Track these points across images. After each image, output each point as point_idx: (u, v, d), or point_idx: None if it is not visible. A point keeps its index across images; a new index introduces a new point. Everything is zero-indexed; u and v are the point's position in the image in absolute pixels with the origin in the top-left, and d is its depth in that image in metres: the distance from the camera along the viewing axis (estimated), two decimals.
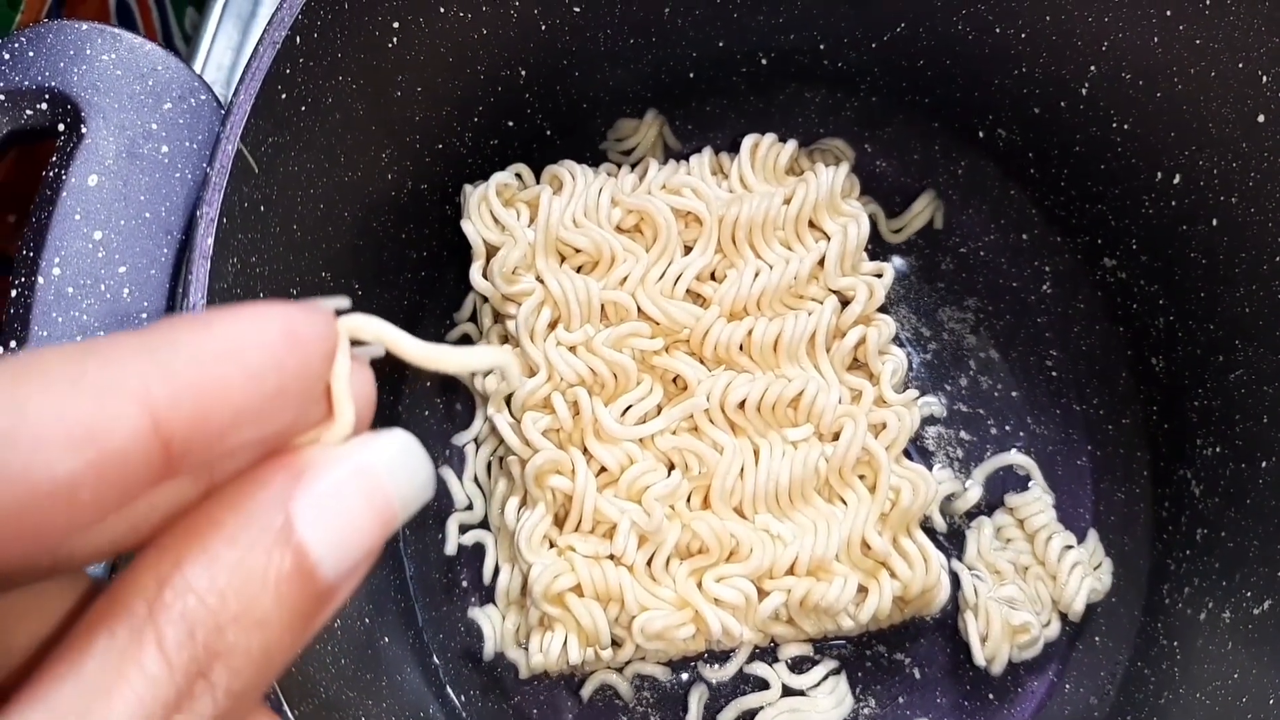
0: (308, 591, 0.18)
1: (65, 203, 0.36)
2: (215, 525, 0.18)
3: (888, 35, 0.48)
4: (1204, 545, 0.44)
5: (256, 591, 0.17)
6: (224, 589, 0.17)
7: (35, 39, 0.38)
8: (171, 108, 0.38)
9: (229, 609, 0.17)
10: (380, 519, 0.19)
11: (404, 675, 0.42)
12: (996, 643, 0.44)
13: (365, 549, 0.18)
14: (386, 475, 0.19)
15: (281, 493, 0.18)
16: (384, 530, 0.19)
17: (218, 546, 0.17)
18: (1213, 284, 0.44)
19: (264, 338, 0.18)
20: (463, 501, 0.48)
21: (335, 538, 0.18)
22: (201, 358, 0.17)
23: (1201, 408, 0.45)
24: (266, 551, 0.17)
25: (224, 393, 0.17)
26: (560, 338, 0.44)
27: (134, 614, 0.17)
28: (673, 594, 0.42)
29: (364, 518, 0.18)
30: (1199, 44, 0.40)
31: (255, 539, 0.17)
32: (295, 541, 0.18)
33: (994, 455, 0.49)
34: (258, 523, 0.18)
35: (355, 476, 0.19)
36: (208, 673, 0.17)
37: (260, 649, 0.17)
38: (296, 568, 0.17)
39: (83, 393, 0.16)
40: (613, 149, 0.51)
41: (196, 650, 0.17)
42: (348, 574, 0.18)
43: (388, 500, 0.19)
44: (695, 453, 0.43)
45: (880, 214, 0.51)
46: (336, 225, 0.40)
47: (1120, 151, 0.46)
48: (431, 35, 0.41)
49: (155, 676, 0.16)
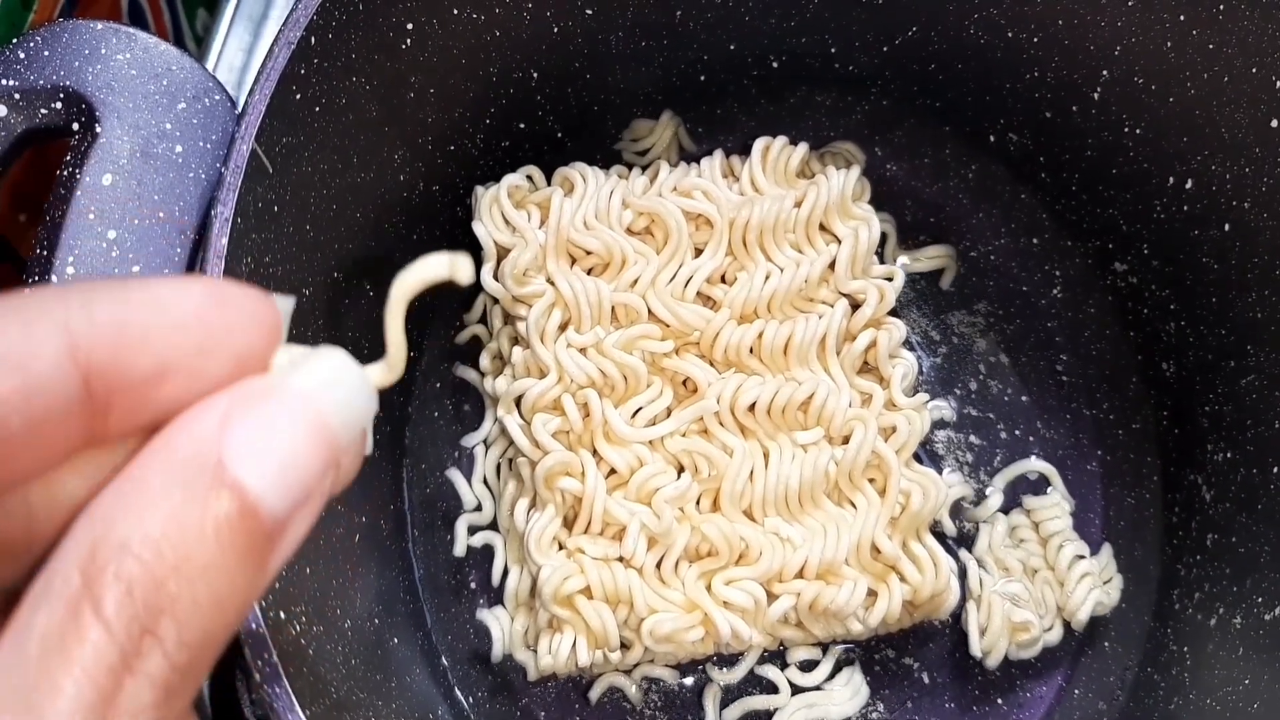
0: (253, 530, 0.17)
1: (79, 202, 0.36)
2: (145, 478, 0.17)
3: (899, 39, 0.48)
4: (1215, 550, 0.44)
5: (194, 539, 0.17)
6: (158, 541, 0.16)
7: (50, 38, 0.38)
8: (186, 108, 0.38)
9: (166, 561, 0.16)
10: (321, 445, 0.18)
11: (413, 676, 0.42)
12: (995, 636, 0.44)
13: (310, 479, 0.18)
14: (321, 398, 0.18)
15: (211, 433, 0.17)
16: (327, 456, 0.18)
17: (149, 499, 0.17)
18: (1224, 289, 0.44)
19: (188, 293, 0.18)
20: (472, 503, 0.48)
21: (275, 472, 0.17)
22: (123, 304, 0.17)
23: (1212, 413, 0.45)
24: (201, 497, 0.17)
25: (144, 333, 0.17)
26: (571, 340, 0.44)
27: (69, 583, 0.16)
28: (682, 597, 0.42)
29: (303, 447, 0.18)
30: (1212, 49, 0.40)
31: (187, 485, 0.17)
32: (231, 482, 0.17)
33: (1015, 461, 0.49)
34: (188, 467, 0.17)
35: (287, 405, 0.18)
36: (154, 629, 0.16)
37: (208, 596, 0.17)
38: (238, 509, 0.17)
39: (5, 328, 0.17)
40: (628, 149, 0.51)
41: (137, 609, 0.16)
42: (296, 506, 0.18)
43: (327, 425, 0.18)
44: (705, 455, 0.43)
45: (893, 232, 0.51)
46: (349, 226, 0.40)
47: (1132, 156, 0.46)
48: (445, 37, 0.41)
49: (97, 644, 0.16)
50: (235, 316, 0.18)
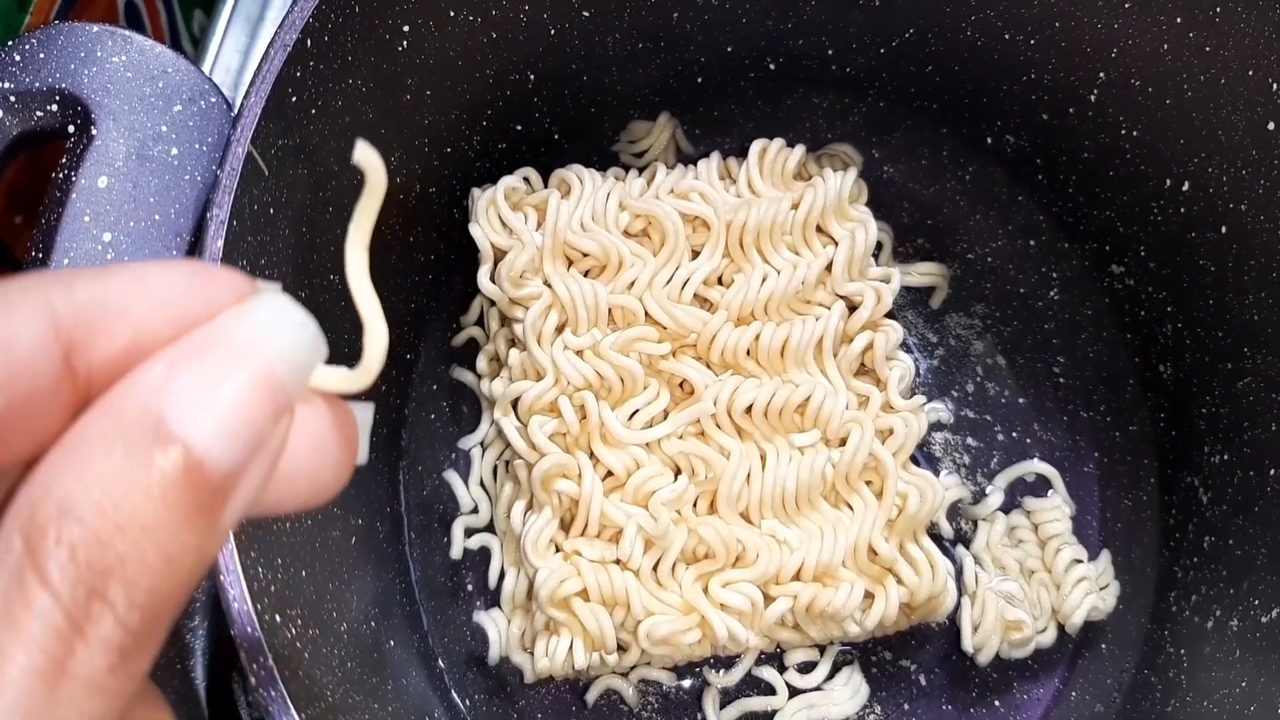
0: (201, 485, 0.17)
1: (75, 204, 0.36)
2: (85, 438, 0.17)
3: (896, 41, 0.48)
4: (1211, 553, 0.44)
5: (139, 498, 0.16)
6: (100, 502, 0.16)
7: (46, 40, 0.38)
8: (181, 110, 0.38)
9: (109, 522, 0.16)
10: (267, 394, 0.18)
11: (409, 679, 0.42)
12: (987, 633, 0.44)
13: (259, 429, 0.17)
14: (264, 346, 0.18)
15: (151, 390, 0.17)
16: (276, 405, 0.18)
17: (89, 459, 0.17)
18: (1221, 291, 0.44)
19: (170, 272, 0.18)
20: (468, 505, 0.48)
21: (219, 425, 0.17)
22: (103, 283, 0.18)
23: (1209, 415, 0.45)
24: (144, 455, 0.16)
25: (122, 308, 0.17)
26: (567, 342, 0.44)
27: (10, 549, 0.16)
28: (679, 599, 0.42)
29: (248, 396, 0.17)
30: (1209, 51, 0.40)
31: (128, 444, 0.17)
32: (173, 436, 0.17)
33: (1015, 462, 0.49)
34: (130, 427, 0.17)
35: (230, 354, 0.18)
36: (102, 592, 0.16)
37: (158, 555, 0.16)
38: (180, 464, 0.17)
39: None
40: (625, 151, 0.51)
41: (82, 572, 0.16)
42: (245, 458, 0.17)
43: (271, 373, 0.18)
44: (702, 458, 0.43)
45: (888, 242, 0.51)
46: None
47: (1129, 158, 0.46)
48: (441, 39, 0.41)
49: (43, 609, 0.16)
50: (215, 294, 0.18)
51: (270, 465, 0.18)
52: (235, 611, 0.29)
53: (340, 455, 0.20)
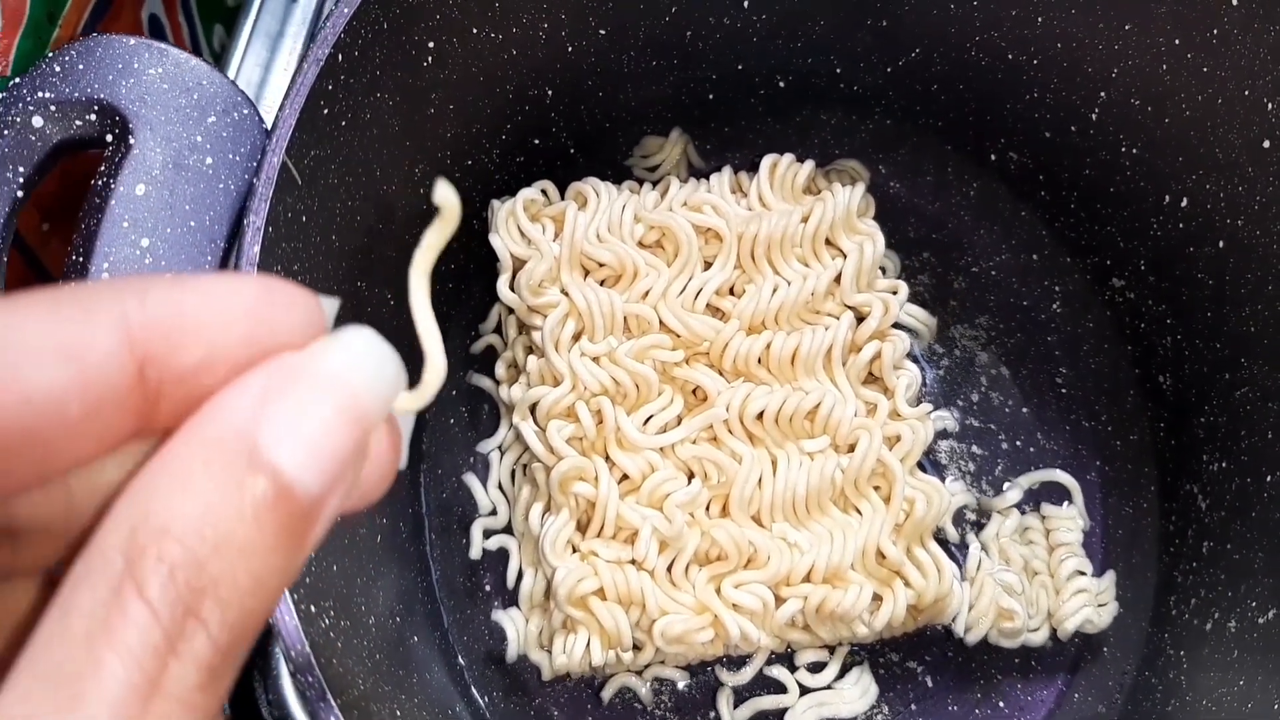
0: (290, 511, 0.18)
1: (114, 210, 0.38)
2: (181, 459, 0.17)
3: (903, 60, 0.50)
4: (1210, 557, 0.46)
5: (234, 521, 0.17)
6: (198, 524, 0.17)
7: (85, 52, 0.40)
8: (215, 121, 0.39)
9: (206, 543, 0.17)
10: (353, 424, 0.18)
11: (432, 674, 0.43)
12: (979, 614, 0.46)
13: (343, 457, 0.18)
14: (353, 377, 0.18)
15: (246, 415, 0.18)
16: (359, 434, 0.18)
17: (186, 481, 0.17)
18: (1219, 304, 0.45)
19: (241, 288, 0.18)
20: (487, 507, 0.49)
21: (309, 452, 0.18)
22: (177, 293, 0.18)
23: (1208, 424, 0.47)
24: (238, 479, 0.17)
25: (195, 324, 0.18)
26: (584, 349, 0.45)
27: (111, 565, 0.17)
28: (692, 599, 0.43)
29: (336, 426, 0.18)
30: (1206, 71, 0.41)
31: (225, 468, 0.17)
32: (266, 464, 0.17)
33: (1023, 470, 0.50)
34: (225, 450, 0.17)
35: (321, 385, 0.18)
36: (197, 611, 0.17)
37: (249, 577, 0.17)
38: (273, 490, 0.17)
39: (63, 315, 0.17)
40: (638, 165, 0.53)
41: (180, 591, 0.16)
42: (331, 485, 0.18)
43: (358, 404, 0.18)
44: (715, 462, 0.44)
45: (893, 267, 0.52)
46: (372, 236, 0.41)
47: (1129, 175, 0.47)
48: (464, 55, 0.42)
49: (142, 625, 0.16)
50: (283, 313, 0.19)
51: (349, 491, 0.19)
52: None
53: (387, 461, 0.20)
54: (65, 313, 0.17)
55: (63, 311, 0.17)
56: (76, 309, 0.17)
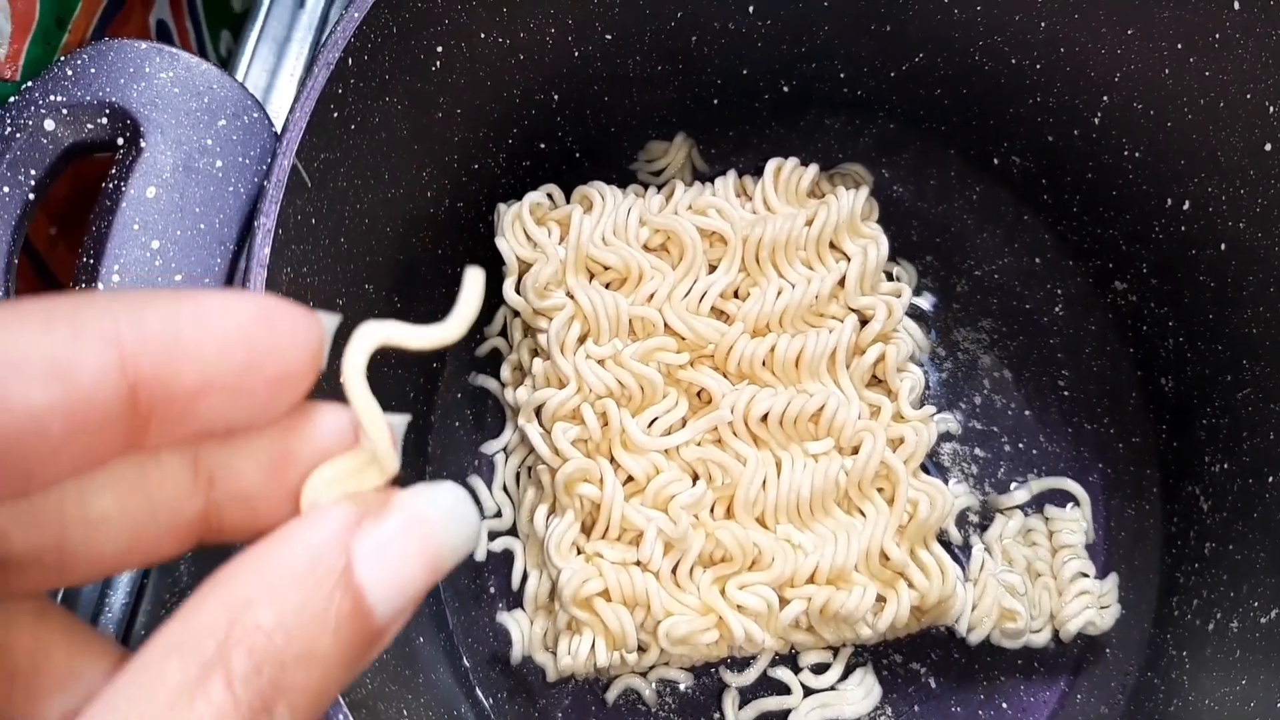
0: (362, 631, 0.18)
1: (124, 213, 0.38)
2: (279, 564, 0.18)
3: (906, 65, 0.50)
4: (1212, 558, 0.46)
5: (318, 631, 0.18)
6: (290, 627, 0.18)
7: (97, 56, 0.40)
8: (225, 124, 0.40)
9: (294, 647, 0.18)
10: (430, 566, 0.20)
11: (437, 675, 0.44)
12: (982, 614, 0.46)
13: (414, 593, 0.19)
14: (439, 525, 0.20)
15: (342, 535, 0.19)
16: (432, 577, 0.20)
17: (283, 585, 0.18)
18: (1221, 306, 0.45)
19: (238, 310, 0.19)
20: (492, 509, 0.49)
21: (390, 581, 0.19)
22: (173, 314, 0.18)
23: (1210, 426, 0.47)
24: (329, 593, 0.18)
25: (192, 348, 0.18)
26: (590, 351, 0.45)
27: (204, 648, 0.17)
28: (697, 600, 0.43)
29: (416, 564, 0.19)
30: (1208, 75, 0.42)
31: (319, 580, 0.18)
32: (354, 584, 0.18)
33: (1024, 472, 0.50)
34: (321, 563, 0.18)
35: (411, 525, 0.19)
36: (272, 708, 0.17)
37: (318, 685, 0.18)
38: (354, 609, 0.18)
39: (53, 331, 0.17)
40: (643, 169, 0.53)
41: (263, 686, 0.17)
42: (397, 615, 0.19)
43: (439, 549, 0.20)
44: (719, 464, 0.45)
45: (909, 278, 0.53)
46: (379, 239, 0.42)
47: (1131, 179, 0.47)
48: (472, 60, 0.42)
49: (222, 710, 0.17)
50: (281, 336, 0.19)
51: (402, 627, 0.20)
52: None
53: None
54: (57, 329, 0.17)
55: (55, 327, 0.17)
56: (69, 325, 0.17)
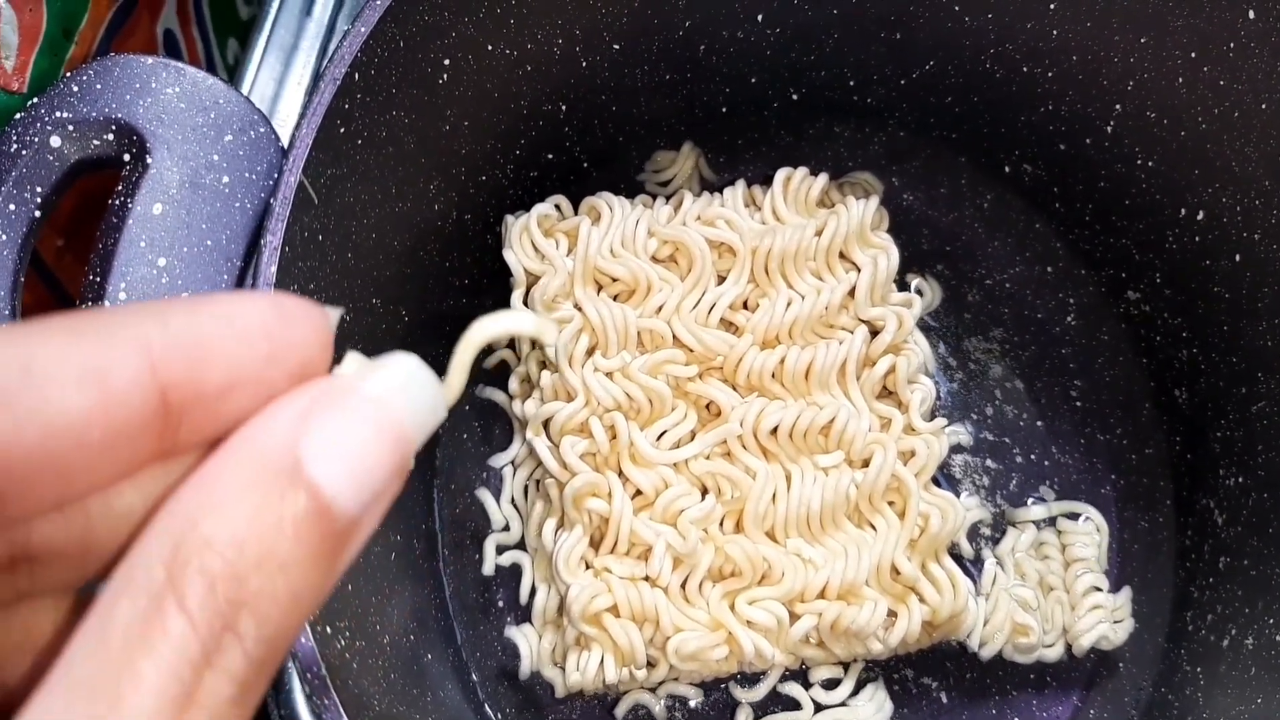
0: (327, 529, 0.18)
1: (131, 230, 0.38)
2: (224, 475, 0.18)
3: (917, 73, 0.50)
4: (1227, 573, 0.45)
5: (274, 537, 0.17)
6: (241, 538, 0.17)
7: (102, 72, 0.40)
8: (232, 139, 0.40)
9: (248, 558, 0.17)
10: (393, 447, 0.18)
11: (445, 692, 0.43)
12: (994, 629, 0.45)
13: (382, 479, 0.18)
14: (394, 402, 0.19)
15: (288, 433, 0.18)
16: (399, 458, 0.19)
17: (229, 496, 0.17)
18: (1236, 318, 0.45)
19: (256, 309, 0.19)
20: (500, 523, 0.49)
21: (349, 472, 0.18)
22: (197, 318, 0.18)
23: (1224, 438, 0.46)
24: (280, 495, 0.17)
25: (217, 348, 0.18)
26: (598, 364, 0.45)
27: (152, 578, 0.17)
28: (706, 616, 0.43)
29: (376, 448, 0.18)
30: (1223, 85, 0.41)
31: (267, 484, 0.17)
32: (307, 481, 0.17)
33: (1070, 500, 0.50)
34: (268, 467, 0.17)
35: (362, 408, 0.18)
36: (234, 625, 0.17)
37: (286, 593, 0.17)
38: (312, 507, 0.17)
39: (84, 341, 0.17)
40: (650, 180, 0.53)
41: (219, 604, 0.17)
42: (367, 506, 0.18)
43: (399, 428, 0.19)
44: (728, 477, 0.44)
45: (932, 293, 0.52)
46: (387, 253, 0.41)
47: (1145, 188, 0.47)
48: (479, 72, 0.42)
49: (180, 637, 0.16)
50: (297, 329, 0.19)
51: (381, 516, 0.19)
52: None
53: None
54: (87, 339, 0.17)
55: (85, 337, 0.17)
56: (98, 335, 0.17)
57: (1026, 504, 0.50)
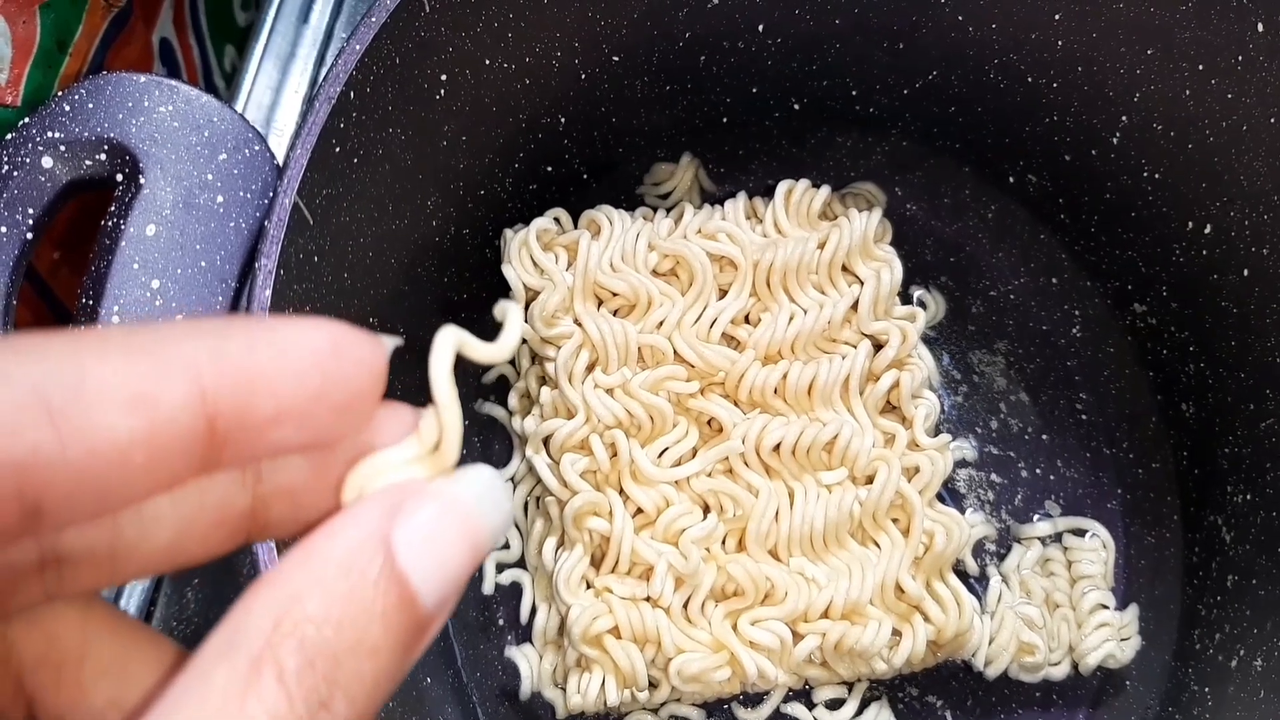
0: (411, 619, 0.18)
1: (124, 252, 0.37)
2: (323, 558, 0.18)
3: (920, 83, 0.49)
4: (1235, 592, 0.45)
5: (367, 621, 0.18)
6: (339, 619, 0.17)
7: (95, 91, 0.39)
8: (226, 158, 0.39)
9: (345, 639, 0.17)
10: (470, 549, 0.19)
11: (445, 716, 0.43)
12: (1000, 648, 0.45)
13: (459, 578, 0.19)
14: (475, 508, 0.20)
15: (383, 524, 0.19)
16: (474, 560, 0.20)
17: (328, 577, 0.18)
18: (1244, 333, 0.44)
19: (311, 341, 0.19)
20: (499, 540, 0.48)
21: (433, 567, 0.19)
22: (250, 346, 0.18)
23: (1232, 455, 0.46)
24: (374, 582, 0.18)
25: (269, 381, 0.18)
26: (598, 380, 0.45)
27: (252, 644, 0.17)
28: (709, 636, 0.43)
29: (457, 548, 0.19)
30: (1230, 98, 0.41)
31: (363, 570, 0.18)
32: (398, 571, 0.18)
33: (1075, 515, 0.49)
34: (364, 554, 0.18)
35: (448, 509, 0.19)
36: (329, 703, 0.17)
37: (373, 677, 0.18)
38: (401, 597, 0.18)
39: (137, 362, 0.17)
40: (649, 193, 0.52)
41: (317, 680, 0.17)
42: (444, 602, 0.19)
43: (477, 532, 0.19)
44: (730, 495, 0.44)
45: (935, 306, 0.52)
46: (384, 272, 0.41)
47: (1151, 200, 0.46)
48: (477, 86, 0.42)
49: (276, 706, 0.17)
50: (349, 365, 0.19)
51: (450, 614, 0.20)
52: None
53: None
54: (141, 361, 0.17)
55: (136, 359, 0.17)
56: (152, 357, 0.18)
57: (1032, 520, 0.49)
